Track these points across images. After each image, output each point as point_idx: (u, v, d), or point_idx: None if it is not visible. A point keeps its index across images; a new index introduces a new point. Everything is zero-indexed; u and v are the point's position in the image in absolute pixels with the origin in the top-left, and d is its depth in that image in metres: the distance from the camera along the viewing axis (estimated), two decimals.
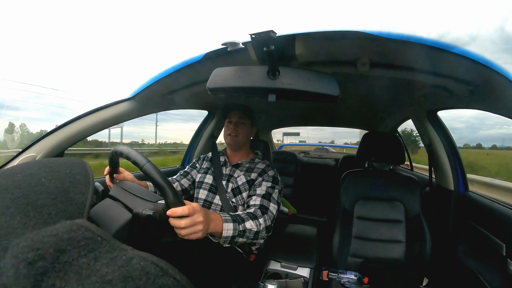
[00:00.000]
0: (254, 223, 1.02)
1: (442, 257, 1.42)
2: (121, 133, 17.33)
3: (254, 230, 1.00)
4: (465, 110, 1.16)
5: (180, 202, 0.70)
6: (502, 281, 1.05)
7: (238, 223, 0.96)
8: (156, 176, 0.68)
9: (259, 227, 1.02)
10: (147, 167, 0.70)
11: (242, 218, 1.00)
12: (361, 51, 0.90)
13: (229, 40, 0.79)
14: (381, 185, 1.53)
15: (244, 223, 0.99)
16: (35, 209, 0.38)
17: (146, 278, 0.29)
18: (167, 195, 0.68)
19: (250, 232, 1.00)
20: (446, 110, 1.43)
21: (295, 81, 0.76)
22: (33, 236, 0.32)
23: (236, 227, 0.94)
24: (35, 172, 0.44)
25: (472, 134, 73.01)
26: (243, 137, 1.34)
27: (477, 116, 22.78)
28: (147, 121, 26.81)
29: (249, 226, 0.99)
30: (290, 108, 2.28)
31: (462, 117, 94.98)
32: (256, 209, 1.09)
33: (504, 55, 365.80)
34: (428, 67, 0.90)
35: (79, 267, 0.30)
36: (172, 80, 1.13)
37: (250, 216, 1.03)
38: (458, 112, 13.97)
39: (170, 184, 0.69)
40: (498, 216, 1.13)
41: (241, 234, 0.96)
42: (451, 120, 63.33)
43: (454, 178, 1.47)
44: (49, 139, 1.08)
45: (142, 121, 33.72)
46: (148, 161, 0.71)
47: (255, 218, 1.04)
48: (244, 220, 0.99)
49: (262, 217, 1.07)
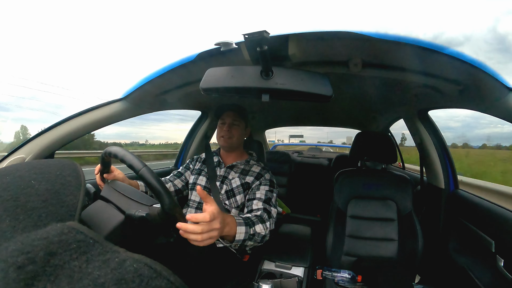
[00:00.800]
0: (263, 227, 1.01)
1: (434, 254, 1.45)
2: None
3: (262, 233, 0.99)
4: (461, 109, 1.17)
5: (177, 208, 0.69)
6: (491, 276, 1.07)
7: (249, 226, 0.94)
8: (153, 181, 0.68)
9: (266, 231, 1.01)
10: (143, 171, 0.69)
11: (252, 222, 0.98)
12: (353, 52, 0.91)
13: (222, 40, 0.78)
14: (373, 184, 1.54)
15: (255, 226, 0.97)
16: (24, 211, 0.37)
17: (139, 281, 0.29)
18: (163, 200, 0.67)
19: (259, 236, 0.98)
20: (437, 109, 1.45)
21: (289, 81, 0.77)
22: (22, 239, 0.31)
23: (248, 231, 0.93)
24: (24, 174, 0.43)
25: (468, 133, 74.64)
26: (237, 139, 1.32)
27: (472, 115, 22.99)
28: (147, 121, 26.59)
29: (259, 230, 0.98)
30: (283, 108, 2.29)
31: (458, 116, 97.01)
32: (262, 213, 1.09)
33: (497, 54, 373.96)
34: (419, 68, 0.92)
35: (71, 270, 0.29)
36: (165, 80, 1.12)
37: (259, 220, 1.02)
38: (454, 112, 14.15)
39: (167, 189, 0.69)
40: (488, 214, 1.16)
41: (251, 237, 0.94)
42: (447, 119, 64.43)
43: (444, 177, 1.49)
44: (39, 140, 1.06)
45: (142, 121, 33.36)
46: (145, 165, 0.70)
47: (263, 221, 1.03)
48: (254, 224, 0.98)
49: (269, 220, 1.06)
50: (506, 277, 0.98)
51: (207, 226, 0.69)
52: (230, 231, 0.85)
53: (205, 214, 0.68)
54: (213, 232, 0.71)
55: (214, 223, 0.71)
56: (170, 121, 39.50)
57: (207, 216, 0.68)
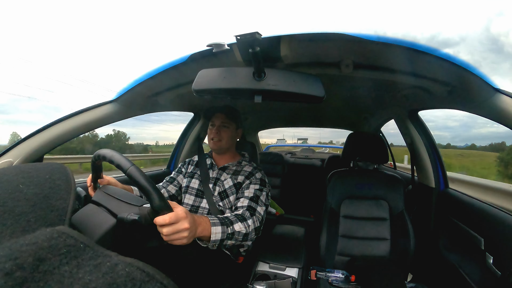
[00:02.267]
0: (243, 225, 1.00)
1: (425, 252, 1.47)
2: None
3: (243, 232, 0.99)
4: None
5: (166, 206, 0.69)
6: (480, 273, 1.09)
7: (226, 226, 0.94)
8: (141, 180, 0.67)
9: (248, 229, 1.01)
10: (131, 170, 0.68)
11: (230, 221, 0.98)
12: (345, 53, 0.92)
13: (214, 42, 0.78)
14: (366, 184, 1.56)
15: (233, 225, 0.98)
16: (12, 217, 0.36)
17: (131, 285, 0.29)
18: (152, 199, 0.67)
19: (239, 234, 0.98)
20: (433, 110, 1.47)
21: (281, 82, 0.77)
22: (10, 245, 0.30)
23: (225, 230, 0.93)
24: (12, 178, 0.42)
25: (465, 133, 75.74)
26: (227, 141, 1.32)
27: (470, 115, 23.89)
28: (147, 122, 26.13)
29: (238, 229, 0.98)
30: (276, 109, 2.30)
31: (455, 116, 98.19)
32: (244, 211, 1.08)
33: (491, 54, 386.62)
34: (408, 69, 0.93)
35: (61, 276, 0.29)
36: (157, 82, 1.11)
37: (238, 218, 1.02)
38: (452, 111, 14.54)
39: (155, 187, 0.68)
40: (477, 212, 1.18)
41: (230, 236, 0.95)
42: (445, 119, 65.49)
43: (435, 176, 1.52)
44: (27, 143, 1.04)
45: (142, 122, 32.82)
46: (132, 164, 0.69)
47: (243, 220, 1.03)
48: (232, 223, 0.98)
49: (251, 218, 1.06)
50: (495, 273, 1.00)
51: (172, 228, 0.70)
52: (204, 231, 0.85)
53: (165, 216, 0.69)
54: (181, 233, 0.72)
55: (179, 225, 0.71)
56: (166, 122, 39.29)
57: (166, 218, 0.69)
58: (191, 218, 0.76)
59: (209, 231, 0.88)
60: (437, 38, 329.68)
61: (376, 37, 0.74)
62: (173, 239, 0.72)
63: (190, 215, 0.76)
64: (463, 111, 1.09)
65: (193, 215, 0.81)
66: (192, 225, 0.76)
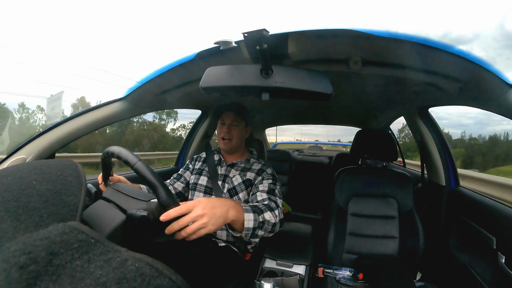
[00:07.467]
0: (272, 215, 0.98)
1: (435, 251, 1.45)
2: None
3: (272, 222, 0.96)
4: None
5: (173, 200, 0.69)
6: (492, 273, 1.07)
7: (258, 214, 0.91)
8: (148, 175, 0.67)
9: (276, 219, 0.99)
10: (138, 165, 0.69)
11: (260, 209, 0.95)
12: (353, 49, 0.91)
13: (221, 39, 0.78)
14: (374, 182, 1.54)
15: (263, 214, 0.94)
16: (26, 212, 0.37)
17: (141, 280, 0.29)
18: (159, 194, 0.67)
19: (269, 224, 0.95)
20: (446, 106, 1.44)
21: (288, 80, 0.76)
22: (24, 239, 0.31)
23: (257, 218, 0.89)
24: (25, 175, 0.43)
25: (480, 130, 73.43)
26: (237, 140, 1.31)
27: (485, 112, 22.85)
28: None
29: (268, 217, 0.95)
30: (283, 107, 2.29)
31: (470, 113, 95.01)
32: (270, 202, 1.07)
33: (505, 51, 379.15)
34: (418, 65, 0.91)
35: (73, 270, 0.29)
36: (165, 79, 1.12)
37: (267, 207, 1.00)
38: (467, 108, 13.85)
39: (162, 182, 0.68)
40: (489, 210, 1.16)
41: (261, 225, 0.91)
42: (459, 116, 63.74)
43: (445, 174, 1.49)
44: (40, 140, 1.07)
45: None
46: (139, 159, 0.70)
47: (271, 209, 1.00)
48: (262, 211, 0.95)
49: (277, 209, 1.04)
50: (507, 274, 0.98)
51: (187, 219, 0.68)
52: (238, 215, 0.82)
53: (177, 208, 0.66)
54: (200, 221, 0.70)
55: (193, 213, 0.69)
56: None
57: (178, 209, 0.66)
58: (206, 203, 0.73)
59: (242, 217, 0.85)
60: (450, 36, 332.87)
61: (386, 33, 0.73)
62: (190, 232, 0.69)
63: (205, 201, 0.74)
64: (476, 107, 1.07)
65: (211, 198, 0.79)
66: (211, 209, 0.73)
